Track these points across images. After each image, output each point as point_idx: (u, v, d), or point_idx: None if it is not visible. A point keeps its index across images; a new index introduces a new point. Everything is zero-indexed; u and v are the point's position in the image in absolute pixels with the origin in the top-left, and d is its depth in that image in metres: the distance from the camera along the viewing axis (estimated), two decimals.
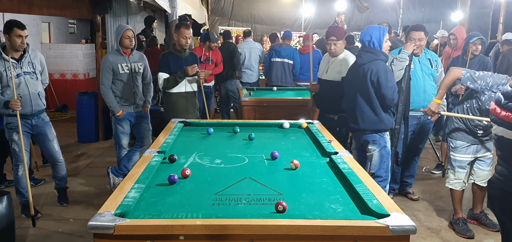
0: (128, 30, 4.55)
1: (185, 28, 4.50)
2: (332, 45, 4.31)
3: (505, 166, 2.38)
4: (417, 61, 4.38)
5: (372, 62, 3.66)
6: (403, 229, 1.87)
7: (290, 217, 1.98)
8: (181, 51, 4.57)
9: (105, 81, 4.54)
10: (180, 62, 4.51)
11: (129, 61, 4.59)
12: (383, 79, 3.59)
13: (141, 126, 4.82)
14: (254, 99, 5.73)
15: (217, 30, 13.95)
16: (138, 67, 4.67)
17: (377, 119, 3.70)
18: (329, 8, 13.95)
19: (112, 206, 2.01)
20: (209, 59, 6.72)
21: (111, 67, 4.52)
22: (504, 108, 2.29)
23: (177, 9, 7.14)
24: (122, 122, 4.66)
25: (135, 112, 4.72)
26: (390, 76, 3.65)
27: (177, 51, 4.58)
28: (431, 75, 4.41)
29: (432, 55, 4.53)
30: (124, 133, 4.73)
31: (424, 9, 14.66)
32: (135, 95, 4.68)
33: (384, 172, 3.77)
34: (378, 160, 3.73)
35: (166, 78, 4.48)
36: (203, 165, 2.83)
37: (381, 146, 3.74)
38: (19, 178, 4.13)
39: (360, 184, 2.36)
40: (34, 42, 8.86)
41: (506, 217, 2.43)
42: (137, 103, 4.72)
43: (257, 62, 7.67)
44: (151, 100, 4.94)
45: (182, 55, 4.57)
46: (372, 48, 3.71)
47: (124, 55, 4.58)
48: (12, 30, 3.87)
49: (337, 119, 4.39)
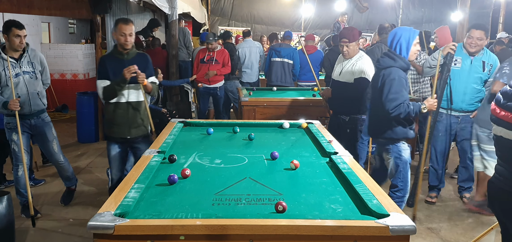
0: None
1: (124, 24, 3.66)
2: (344, 47, 4.28)
3: (505, 166, 2.38)
4: (469, 61, 4.30)
5: (387, 68, 3.47)
6: (403, 229, 1.88)
7: (290, 217, 1.98)
8: (122, 53, 3.74)
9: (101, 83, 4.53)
10: (122, 67, 3.63)
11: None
12: (386, 88, 3.40)
13: None
14: (254, 99, 5.73)
15: (217, 30, 13.94)
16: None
17: (388, 128, 3.55)
18: (329, 8, 13.94)
19: (112, 206, 2.01)
20: (213, 59, 6.71)
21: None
22: (504, 108, 2.29)
23: (176, 9, 7.15)
24: None
25: None
26: (396, 88, 3.37)
27: (118, 53, 3.76)
28: (479, 78, 4.31)
29: (490, 58, 4.35)
30: None
31: (424, 9, 14.65)
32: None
33: (400, 182, 3.59)
34: (394, 169, 3.60)
35: (105, 86, 3.69)
36: (203, 165, 2.83)
37: (395, 154, 3.58)
38: (19, 178, 4.13)
39: (360, 184, 2.37)
40: (33, 42, 8.86)
41: (506, 217, 2.43)
42: None
43: (257, 62, 7.68)
44: (150, 100, 4.93)
45: (124, 57, 3.72)
46: (393, 53, 3.50)
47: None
48: (11, 30, 3.88)
49: (348, 120, 4.38)
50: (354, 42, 4.29)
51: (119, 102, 3.76)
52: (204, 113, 7.16)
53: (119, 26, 3.65)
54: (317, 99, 5.72)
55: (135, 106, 3.81)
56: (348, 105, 4.35)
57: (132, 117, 3.80)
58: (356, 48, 4.34)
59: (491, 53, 4.44)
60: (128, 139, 3.83)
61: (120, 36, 3.66)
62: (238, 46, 7.64)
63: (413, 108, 3.40)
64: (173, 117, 5.67)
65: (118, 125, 3.78)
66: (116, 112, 3.77)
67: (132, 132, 3.81)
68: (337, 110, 4.51)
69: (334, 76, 4.54)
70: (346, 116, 4.39)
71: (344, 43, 4.28)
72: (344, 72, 4.37)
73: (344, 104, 4.39)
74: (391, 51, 3.54)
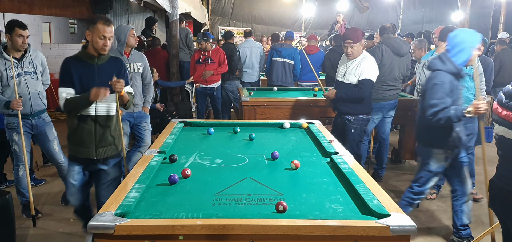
0: (133, 29, 4.58)
1: (105, 25, 2.99)
2: (348, 48, 4.27)
3: (506, 166, 2.38)
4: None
5: (434, 71, 3.34)
6: (404, 229, 1.87)
7: (291, 217, 1.98)
8: (93, 57, 3.06)
9: None
10: (91, 74, 3.04)
11: (128, 62, 4.59)
12: (427, 93, 3.27)
13: (141, 126, 4.81)
14: (254, 99, 5.73)
15: (218, 30, 13.95)
16: (137, 68, 4.67)
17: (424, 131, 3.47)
18: (330, 8, 13.95)
19: (113, 206, 2.01)
20: (208, 59, 6.71)
21: None
22: (505, 108, 2.29)
23: (177, 9, 7.15)
24: (122, 123, 4.66)
25: (134, 113, 4.72)
26: (437, 93, 3.21)
27: (87, 56, 3.05)
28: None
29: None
30: (123, 134, 4.73)
31: (424, 9, 14.66)
32: (134, 96, 4.68)
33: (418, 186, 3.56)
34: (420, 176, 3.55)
35: (68, 99, 3.02)
36: (204, 165, 2.83)
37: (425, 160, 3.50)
38: (19, 178, 4.14)
39: (360, 184, 2.36)
40: (34, 42, 8.88)
41: (507, 217, 2.43)
42: (137, 103, 4.71)
43: (258, 62, 7.68)
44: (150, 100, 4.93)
45: (95, 62, 3.06)
46: (445, 56, 3.33)
47: (124, 56, 4.58)
48: (14, 30, 3.89)
49: (353, 121, 4.39)
50: (358, 43, 4.27)
51: (86, 115, 3.08)
52: (203, 113, 7.16)
53: (98, 27, 2.97)
54: (317, 99, 5.72)
55: (105, 122, 3.16)
56: (352, 106, 4.35)
57: (101, 134, 3.14)
58: (360, 49, 4.32)
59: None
60: (94, 160, 3.17)
61: (99, 38, 2.98)
62: (239, 46, 7.64)
63: (455, 113, 3.15)
64: (173, 117, 5.67)
65: (83, 144, 3.12)
66: (81, 127, 3.10)
67: (99, 151, 3.16)
68: (341, 110, 4.51)
69: (338, 77, 4.54)
70: (351, 116, 4.40)
71: (348, 44, 4.26)
72: (348, 73, 4.36)
73: (349, 105, 4.38)
74: (444, 54, 3.35)
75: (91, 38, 3.03)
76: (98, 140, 3.13)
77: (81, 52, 3.10)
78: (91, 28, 3.01)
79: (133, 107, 4.70)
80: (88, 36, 3.06)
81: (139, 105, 4.75)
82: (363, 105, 4.36)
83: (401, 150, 5.99)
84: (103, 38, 3.00)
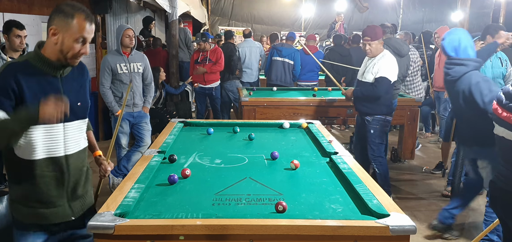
0: (129, 30, 4.56)
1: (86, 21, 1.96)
2: (367, 46, 4.23)
3: (507, 167, 2.38)
4: (489, 59, 4.44)
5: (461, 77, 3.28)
6: (403, 229, 1.87)
7: (290, 217, 1.98)
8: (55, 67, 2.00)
9: (104, 82, 4.56)
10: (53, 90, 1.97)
11: (128, 62, 4.60)
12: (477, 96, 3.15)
13: (141, 126, 4.82)
14: (254, 99, 5.73)
15: (217, 30, 13.94)
16: (137, 68, 4.67)
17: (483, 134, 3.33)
18: (329, 8, 13.95)
19: (112, 206, 2.01)
20: (207, 59, 6.71)
21: (110, 67, 4.54)
22: (506, 109, 2.29)
23: (177, 9, 7.15)
24: (121, 122, 4.66)
25: (134, 112, 4.73)
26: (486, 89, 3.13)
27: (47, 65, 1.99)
28: (501, 73, 4.51)
29: (503, 55, 4.62)
30: (123, 133, 4.74)
31: (424, 9, 14.67)
32: (134, 95, 4.68)
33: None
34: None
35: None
36: (203, 165, 2.83)
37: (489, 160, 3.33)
38: None
39: (360, 184, 2.36)
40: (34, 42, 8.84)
41: (508, 217, 2.43)
42: (136, 103, 4.72)
43: (257, 61, 7.69)
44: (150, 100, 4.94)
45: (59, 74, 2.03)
46: (460, 59, 3.29)
47: (123, 55, 4.59)
48: (11, 30, 3.89)
49: (371, 121, 4.36)
50: (377, 41, 4.21)
51: (50, 158, 2.02)
52: (202, 113, 7.16)
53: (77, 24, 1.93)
54: (317, 99, 5.73)
55: (77, 162, 2.14)
56: (371, 105, 4.31)
57: (75, 181, 2.13)
58: (379, 46, 4.26)
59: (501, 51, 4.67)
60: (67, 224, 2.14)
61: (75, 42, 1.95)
62: (238, 46, 7.64)
63: None
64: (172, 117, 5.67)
65: (48, 200, 2.05)
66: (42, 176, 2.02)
67: (75, 207, 2.15)
68: (360, 110, 4.48)
69: (358, 76, 4.51)
70: (370, 117, 4.36)
71: (367, 41, 4.22)
72: (367, 71, 4.33)
73: (367, 105, 4.36)
74: (457, 58, 3.32)
75: (59, 39, 1.94)
76: (70, 190, 2.12)
77: (34, 57, 2.00)
78: (62, 22, 1.92)
79: (133, 107, 4.71)
80: (53, 34, 1.94)
81: (139, 105, 4.76)
82: (382, 105, 4.30)
83: (400, 150, 5.99)
84: (82, 42, 1.97)
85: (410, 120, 5.67)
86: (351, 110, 5.45)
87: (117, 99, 4.62)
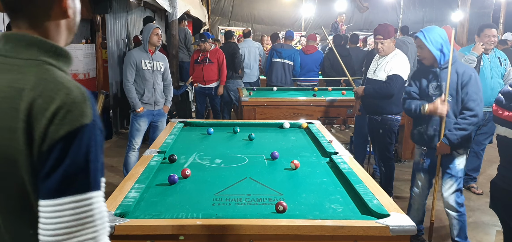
0: (157, 28, 4.65)
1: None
2: (379, 44, 4.21)
3: (508, 167, 2.38)
4: (487, 59, 4.51)
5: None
6: (403, 229, 1.87)
7: (290, 217, 1.98)
8: None
9: (129, 76, 4.59)
10: None
11: (152, 59, 4.65)
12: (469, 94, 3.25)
13: (156, 124, 4.84)
14: (254, 99, 5.73)
15: (217, 30, 13.94)
16: (160, 66, 4.74)
17: None
18: (329, 8, 13.94)
19: (112, 206, 2.01)
20: (207, 59, 6.70)
21: (135, 62, 4.57)
22: (507, 109, 2.30)
23: (177, 9, 7.14)
24: (140, 119, 4.69)
25: (155, 110, 4.75)
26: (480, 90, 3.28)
27: None
28: (500, 73, 4.56)
29: (501, 54, 4.69)
30: (139, 131, 4.74)
31: (424, 9, 14.66)
32: (155, 93, 4.72)
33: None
34: None
35: None
36: (203, 165, 2.83)
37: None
38: None
39: (360, 184, 2.36)
40: None
41: (509, 217, 2.43)
42: (158, 100, 4.75)
43: (257, 61, 7.68)
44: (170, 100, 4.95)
45: None
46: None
47: (148, 53, 4.64)
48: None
49: (380, 121, 4.33)
50: (389, 39, 4.19)
51: None
52: (202, 114, 7.16)
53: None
54: (317, 99, 5.73)
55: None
56: (380, 105, 4.27)
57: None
58: (392, 45, 4.24)
59: (497, 49, 4.78)
60: None
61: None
62: None
63: (415, 107, 3.34)
64: (172, 117, 5.67)
65: None
66: None
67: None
68: (369, 110, 4.45)
69: (369, 74, 4.47)
70: (379, 116, 4.33)
71: (379, 40, 4.20)
72: (379, 69, 4.30)
73: (376, 104, 4.32)
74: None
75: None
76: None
77: None
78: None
79: (155, 105, 4.73)
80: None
81: (160, 103, 4.80)
82: (392, 105, 4.26)
83: (400, 150, 5.99)
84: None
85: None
86: (351, 110, 5.44)
87: (138, 95, 4.63)
